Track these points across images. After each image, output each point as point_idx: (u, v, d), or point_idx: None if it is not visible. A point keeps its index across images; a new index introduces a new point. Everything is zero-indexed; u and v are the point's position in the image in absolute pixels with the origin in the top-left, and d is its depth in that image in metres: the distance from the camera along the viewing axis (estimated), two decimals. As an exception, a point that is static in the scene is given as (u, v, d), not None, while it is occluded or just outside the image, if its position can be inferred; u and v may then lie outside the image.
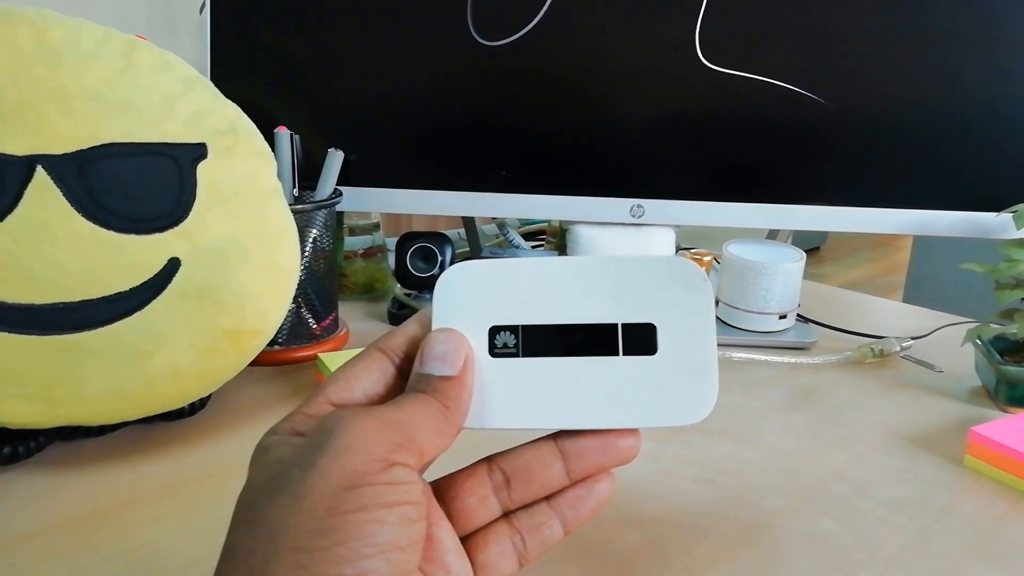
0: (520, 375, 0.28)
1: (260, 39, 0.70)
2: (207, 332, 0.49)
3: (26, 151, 0.44)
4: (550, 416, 0.28)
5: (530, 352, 0.28)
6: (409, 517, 0.25)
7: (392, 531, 0.24)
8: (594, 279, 0.25)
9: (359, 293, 0.79)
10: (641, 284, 0.24)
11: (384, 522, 0.24)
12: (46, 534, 0.41)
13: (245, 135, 0.54)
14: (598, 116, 0.69)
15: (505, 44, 0.68)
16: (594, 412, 0.28)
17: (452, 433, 0.28)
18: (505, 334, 0.28)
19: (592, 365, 0.27)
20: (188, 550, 0.40)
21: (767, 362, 0.64)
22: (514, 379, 0.28)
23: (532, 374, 0.28)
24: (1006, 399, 0.57)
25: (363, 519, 0.24)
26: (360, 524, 0.24)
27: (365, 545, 0.23)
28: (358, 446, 0.25)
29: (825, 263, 3.59)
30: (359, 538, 0.23)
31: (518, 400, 0.28)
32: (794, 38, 0.66)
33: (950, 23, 0.64)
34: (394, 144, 0.72)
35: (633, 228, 0.71)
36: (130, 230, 0.46)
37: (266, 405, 0.56)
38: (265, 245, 0.52)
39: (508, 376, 0.28)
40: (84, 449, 0.49)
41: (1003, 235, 0.67)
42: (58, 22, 0.46)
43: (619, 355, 0.26)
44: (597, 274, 0.25)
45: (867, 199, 0.69)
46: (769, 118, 0.68)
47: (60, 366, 0.44)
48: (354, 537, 0.23)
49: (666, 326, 0.25)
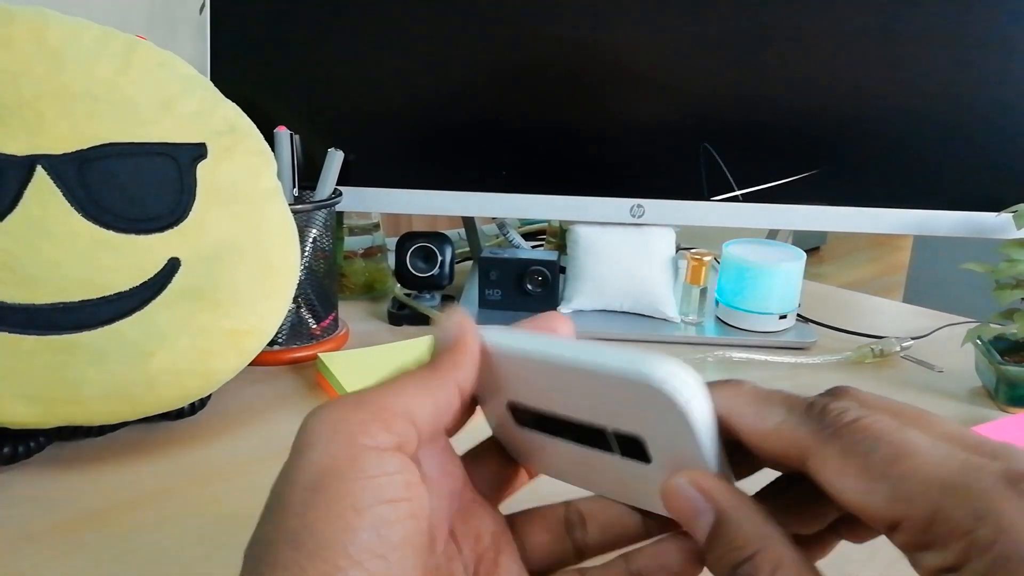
0: (546, 443, 0.28)
1: (260, 39, 0.70)
2: (207, 332, 0.49)
3: (26, 151, 0.44)
4: (579, 480, 0.28)
5: (546, 430, 0.27)
6: (386, 519, 0.21)
7: (366, 537, 0.21)
8: (591, 382, 0.24)
9: (359, 293, 0.79)
10: (629, 397, 0.23)
11: (355, 528, 0.21)
12: (47, 533, 0.41)
13: (245, 135, 0.54)
14: (598, 116, 0.69)
15: (505, 44, 0.68)
16: (613, 489, 0.28)
17: (443, 387, 0.25)
18: (521, 411, 0.27)
19: (599, 455, 0.27)
20: (188, 550, 0.40)
21: (767, 362, 0.64)
22: (543, 444, 0.28)
23: (553, 445, 0.28)
24: (1006, 399, 0.57)
25: (332, 527, 0.21)
26: (330, 532, 0.21)
27: (339, 556, 0.20)
28: (320, 435, 0.22)
29: (825, 263, 3.58)
30: (332, 547, 0.20)
31: (553, 459, 0.28)
32: (794, 38, 0.66)
33: (950, 23, 0.64)
34: (394, 144, 0.72)
35: (633, 228, 0.71)
36: (130, 230, 0.46)
37: (266, 405, 0.56)
38: (265, 245, 0.52)
39: (538, 442, 0.28)
40: (84, 449, 0.49)
41: (1003, 235, 0.67)
42: (58, 22, 0.46)
43: (619, 455, 0.26)
44: (593, 377, 0.24)
45: (867, 199, 0.69)
46: (769, 118, 0.68)
47: (60, 366, 0.44)
48: (326, 546, 0.20)
49: (654, 441, 0.24)
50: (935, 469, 0.21)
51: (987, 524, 0.19)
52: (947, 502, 0.20)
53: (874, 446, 0.21)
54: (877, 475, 0.21)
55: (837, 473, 0.22)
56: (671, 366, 0.23)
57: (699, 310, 0.71)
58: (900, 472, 0.21)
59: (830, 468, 0.22)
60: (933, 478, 0.20)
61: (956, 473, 0.20)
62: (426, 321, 0.71)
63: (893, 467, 0.21)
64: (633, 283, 0.71)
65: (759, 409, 0.24)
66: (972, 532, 0.19)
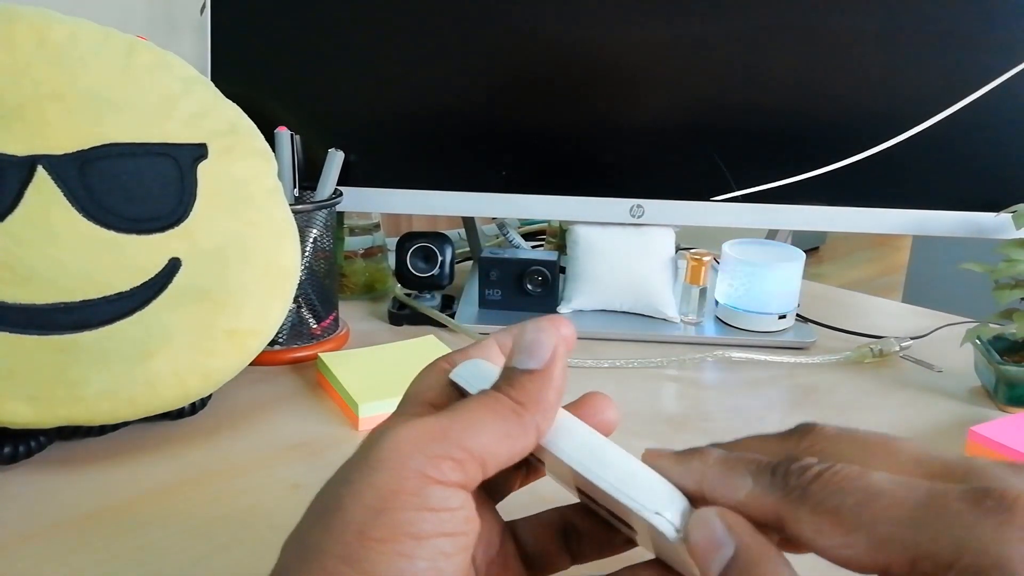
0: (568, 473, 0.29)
1: (260, 39, 0.70)
2: (207, 332, 0.49)
3: (27, 151, 0.44)
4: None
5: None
6: (444, 551, 0.22)
7: (424, 566, 0.21)
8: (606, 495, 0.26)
9: (359, 293, 0.79)
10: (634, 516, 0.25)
11: (413, 556, 0.21)
12: (46, 534, 0.41)
13: (245, 135, 0.54)
14: (598, 116, 0.69)
15: (505, 44, 0.68)
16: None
17: (525, 436, 0.25)
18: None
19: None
20: (188, 550, 0.40)
21: (766, 362, 0.64)
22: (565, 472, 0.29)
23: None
24: (1005, 399, 0.57)
25: (391, 550, 0.21)
26: (388, 556, 0.21)
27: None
28: (392, 460, 0.22)
29: (824, 263, 3.59)
30: (387, 571, 0.21)
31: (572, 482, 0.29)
32: (794, 38, 0.66)
33: (949, 22, 0.64)
34: (394, 144, 0.72)
35: (633, 228, 0.71)
36: (130, 230, 0.46)
37: (266, 405, 0.56)
38: (265, 245, 0.52)
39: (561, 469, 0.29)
40: (84, 449, 0.49)
41: (1002, 235, 0.67)
42: (59, 22, 0.46)
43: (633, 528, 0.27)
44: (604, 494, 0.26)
45: (866, 199, 0.69)
46: (769, 118, 0.68)
47: (60, 366, 0.44)
48: (380, 570, 0.21)
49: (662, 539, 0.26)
50: (903, 507, 0.21)
51: (967, 552, 0.19)
52: (923, 538, 0.20)
53: (842, 499, 0.22)
54: (851, 527, 0.21)
55: (815, 533, 0.22)
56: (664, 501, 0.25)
57: (699, 310, 0.71)
58: (871, 518, 0.21)
59: (807, 529, 0.22)
60: (903, 517, 0.21)
61: (924, 507, 0.20)
62: (426, 321, 0.71)
63: (864, 515, 0.21)
64: (633, 283, 0.71)
65: (726, 480, 0.24)
66: (957, 562, 0.19)
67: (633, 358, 0.64)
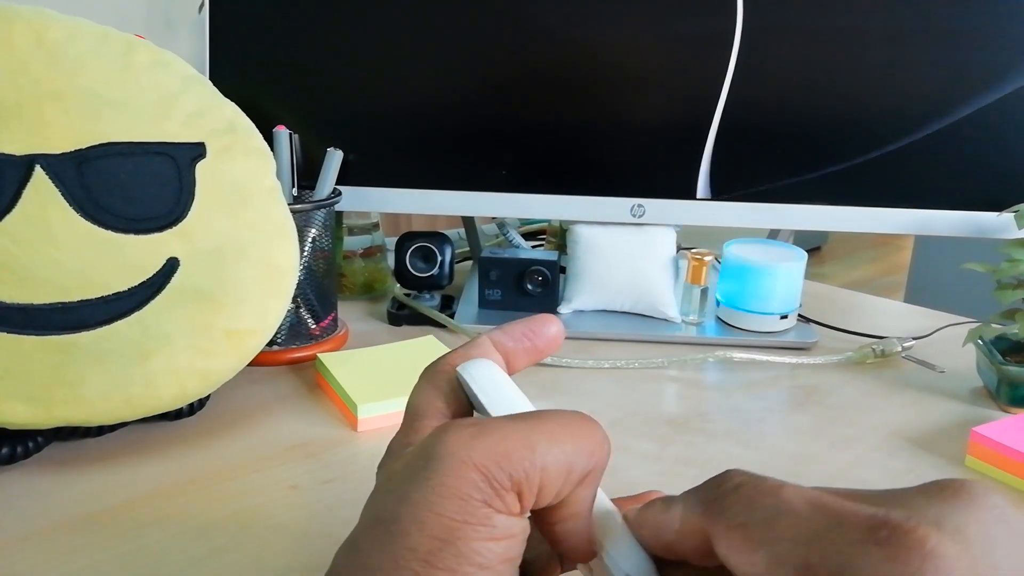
0: None
1: (259, 38, 0.70)
2: (206, 332, 0.49)
3: (25, 150, 0.44)
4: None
5: None
6: (503, 574, 0.22)
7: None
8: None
9: (358, 293, 0.79)
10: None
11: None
12: (46, 534, 0.41)
13: (244, 134, 0.54)
14: (598, 116, 0.69)
15: (505, 44, 0.68)
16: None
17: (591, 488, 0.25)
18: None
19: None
20: (186, 551, 0.40)
21: (768, 362, 0.64)
22: None
23: None
24: (1008, 399, 0.57)
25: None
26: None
27: None
28: (457, 488, 0.22)
29: (826, 263, 3.58)
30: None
31: None
32: (794, 38, 0.66)
33: (952, 22, 0.64)
34: (394, 144, 0.71)
35: (633, 228, 0.70)
36: (129, 230, 0.46)
37: (265, 405, 0.56)
38: (264, 245, 0.52)
39: None
40: (84, 449, 0.49)
41: (1004, 235, 0.67)
42: (57, 21, 0.46)
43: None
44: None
45: (868, 199, 0.68)
46: (770, 117, 0.67)
47: (59, 366, 0.44)
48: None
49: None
50: (805, 526, 0.20)
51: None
52: (813, 558, 0.19)
53: (751, 514, 0.21)
54: (756, 543, 0.20)
55: (728, 550, 0.21)
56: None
57: (700, 310, 0.70)
58: (774, 536, 0.20)
59: (722, 546, 0.21)
60: (801, 535, 0.20)
61: (823, 527, 0.20)
62: (426, 321, 0.71)
63: (768, 532, 0.20)
64: (633, 283, 0.70)
65: (665, 516, 0.24)
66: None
67: (634, 358, 0.64)
